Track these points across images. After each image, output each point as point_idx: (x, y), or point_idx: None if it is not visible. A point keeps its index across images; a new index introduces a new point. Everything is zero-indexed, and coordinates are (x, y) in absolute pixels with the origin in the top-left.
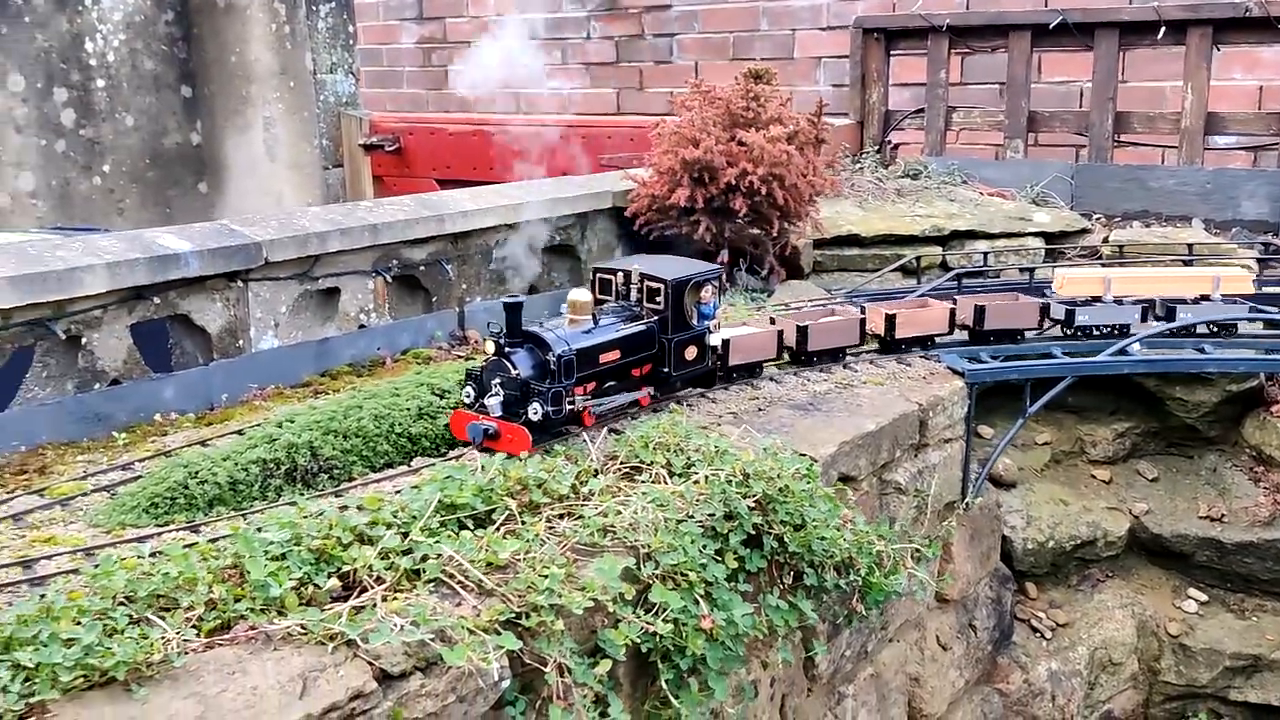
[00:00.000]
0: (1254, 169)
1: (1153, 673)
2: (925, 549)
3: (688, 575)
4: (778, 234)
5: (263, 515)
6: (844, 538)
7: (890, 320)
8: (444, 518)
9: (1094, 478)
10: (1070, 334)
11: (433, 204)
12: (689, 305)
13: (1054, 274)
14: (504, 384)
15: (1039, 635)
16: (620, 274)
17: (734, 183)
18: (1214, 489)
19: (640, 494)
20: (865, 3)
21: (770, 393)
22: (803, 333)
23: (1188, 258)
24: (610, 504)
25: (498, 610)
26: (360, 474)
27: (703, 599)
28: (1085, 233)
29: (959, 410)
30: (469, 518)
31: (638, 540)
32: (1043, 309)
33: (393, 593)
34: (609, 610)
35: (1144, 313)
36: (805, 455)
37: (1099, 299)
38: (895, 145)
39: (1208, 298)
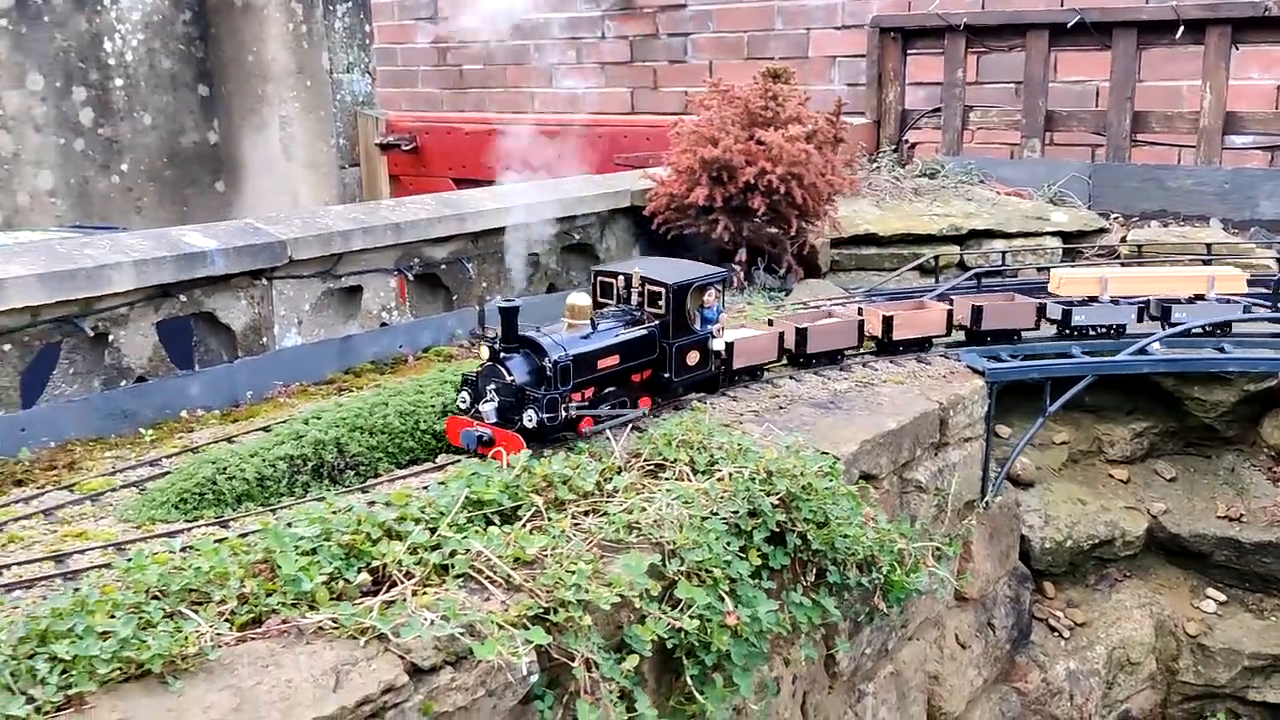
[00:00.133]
0: (1272, 168)
1: (1171, 672)
2: (946, 547)
3: (712, 572)
4: (796, 233)
5: (291, 511)
6: (866, 536)
7: (887, 322)
8: (471, 514)
9: (1112, 477)
10: (1066, 334)
11: (453, 203)
12: (691, 309)
13: (1050, 274)
14: (499, 390)
15: (1057, 634)
16: (621, 277)
17: (752, 182)
18: (1232, 489)
19: (665, 491)
20: (881, 2)
21: (791, 391)
22: (802, 335)
23: (1206, 257)
24: (635, 501)
25: (526, 605)
26: (386, 470)
27: (727, 595)
28: (1103, 232)
29: (979, 409)
30: (495, 514)
31: (663, 537)
32: (1039, 309)
33: (422, 587)
34: (635, 606)
35: (1140, 313)
36: (827, 453)
37: (1096, 299)
38: (912, 145)
39: (1202, 297)
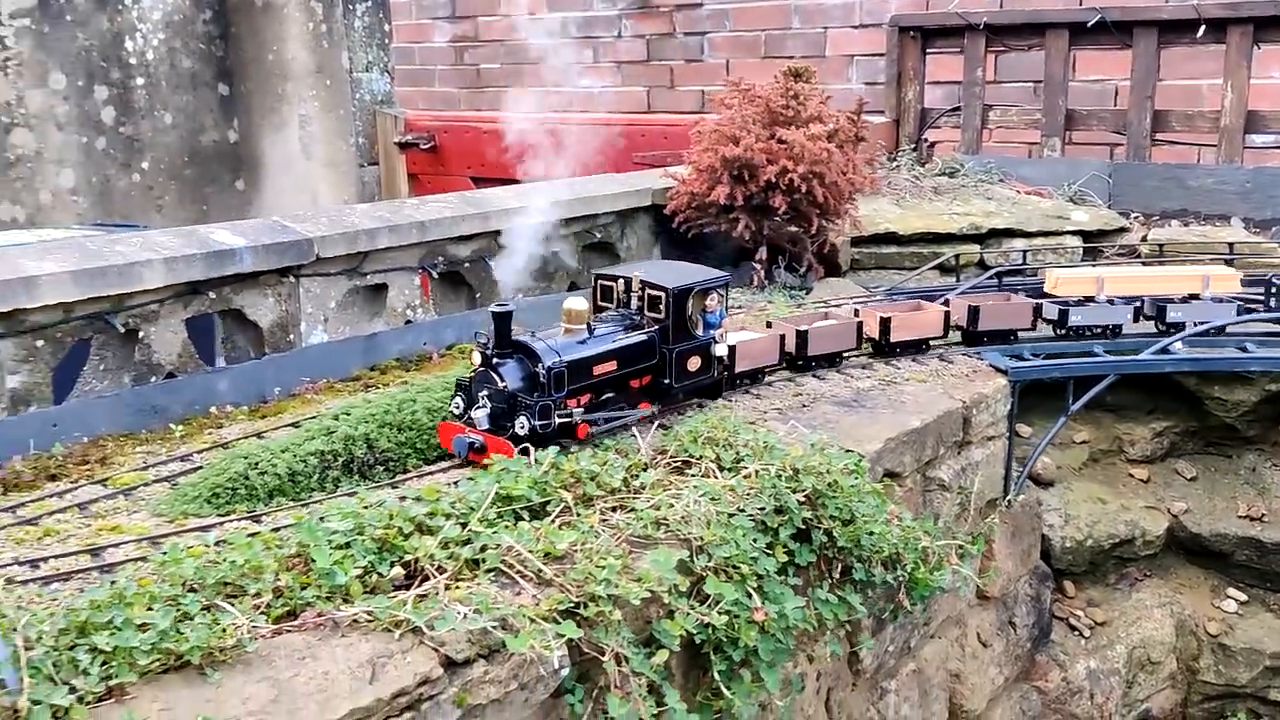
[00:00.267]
0: None
1: (1191, 672)
2: (969, 545)
3: (740, 568)
4: (816, 232)
5: (323, 505)
6: (891, 533)
7: (885, 324)
8: (500, 509)
9: (1132, 476)
10: (1063, 334)
11: (477, 201)
12: (693, 314)
13: (1047, 274)
14: (491, 396)
15: (1077, 633)
16: (621, 281)
17: (774, 180)
18: (1253, 488)
19: (692, 488)
20: (899, 1)
21: (813, 389)
22: (802, 337)
23: (1229, 256)
24: (663, 497)
25: (557, 600)
26: (415, 466)
27: (755, 592)
28: (1123, 231)
29: (1001, 408)
30: (524, 509)
31: (690, 533)
32: (1036, 309)
33: (454, 581)
34: (664, 601)
35: (1135, 313)
36: (852, 451)
37: (1092, 299)
38: (931, 143)
39: (1197, 297)
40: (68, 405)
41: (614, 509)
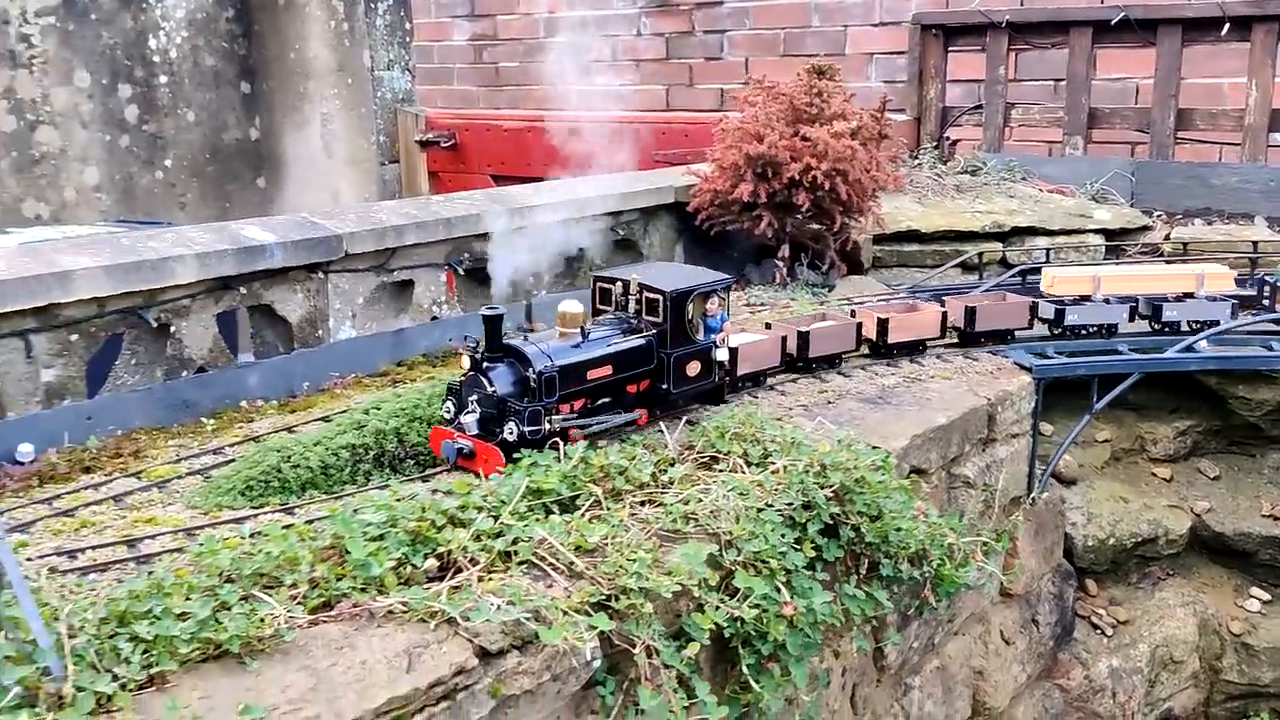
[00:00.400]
0: None
1: (1214, 671)
2: (994, 542)
3: (769, 563)
4: (839, 229)
5: (356, 498)
6: (918, 529)
7: (882, 325)
8: (531, 502)
9: (1154, 475)
10: (1059, 333)
11: (501, 198)
12: (694, 317)
13: (1043, 273)
14: (480, 401)
15: (1099, 632)
16: (619, 283)
17: (797, 177)
18: (1277, 488)
19: (720, 482)
20: None
21: (839, 385)
22: (804, 338)
23: (1253, 255)
24: (691, 492)
25: (588, 592)
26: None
27: (783, 586)
28: (1146, 230)
29: (1026, 405)
30: (554, 503)
31: (719, 527)
32: (1032, 308)
33: (487, 573)
34: (694, 595)
35: (1131, 312)
36: (878, 448)
37: (1088, 298)
38: (953, 142)
39: (1192, 296)
40: (100, 399)
41: (643, 503)
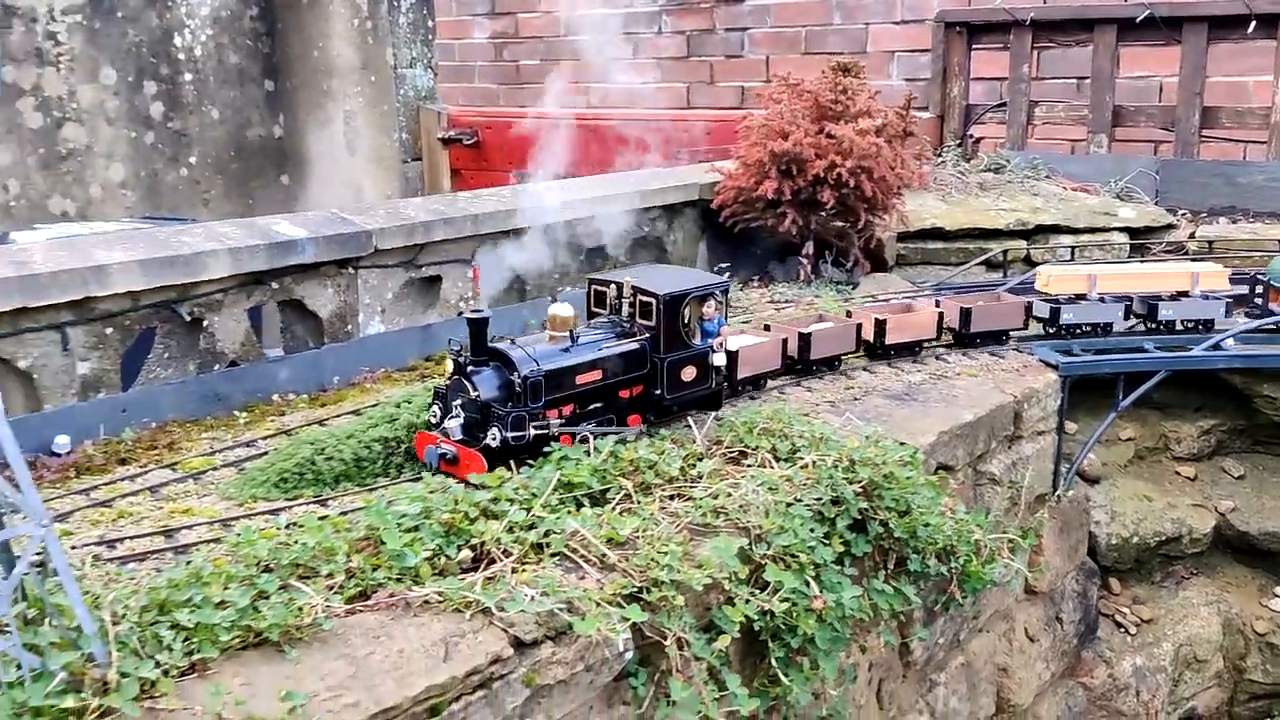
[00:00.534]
0: None
1: (1238, 671)
2: (1021, 539)
3: (798, 557)
4: (863, 226)
5: (389, 490)
6: (946, 525)
7: (880, 326)
8: (562, 495)
9: (1178, 474)
10: (1052, 333)
11: (528, 196)
12: (689, 321)
13: (1038, 272)
14: (464, 405)
15: (1123, 631)
16: (613, 286)
17: (822, 175)
18: None
19: (749, 477)
20: None
21: (865, 382)
22: (805, 340)
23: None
24: (721, 486)
25: (620, 584)
26: None
27: (813, 580)
28: (1171, 228)
29: (1052, 403)
30: (585, 496)
31: (749, 522)
32: (1027, 308)
33: (520, 564)
34: (724, 588)
35: (1126, 310)
36: (905, 444)
37: (1084, 296)
38: (976, 139)
39: (1186, 294)
40: (134, 391)
41: (672, 497)
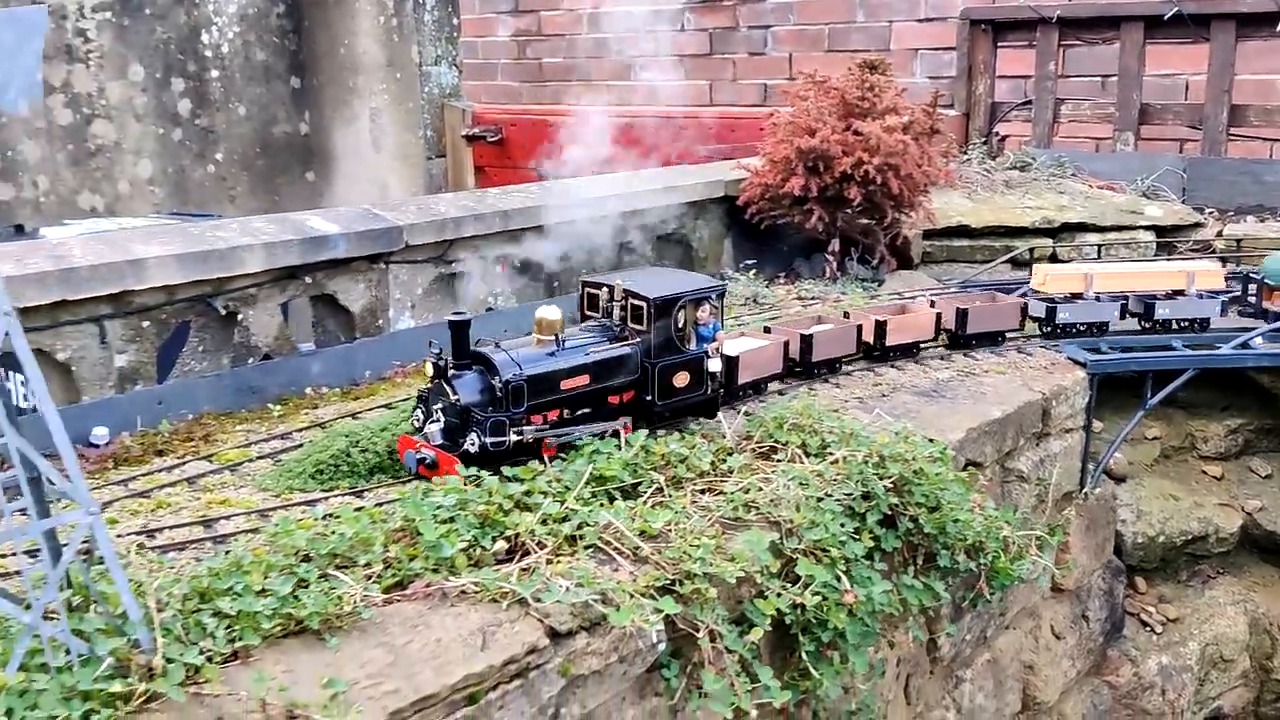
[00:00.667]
0: None
1: (1265, 670)
2: (1049, 536)
3: (829, 551)
4: (889, 224)
5: (423, 482)
6: (975, 521)
7: (880, 327)
8: (594, 488)
9: (1205, 473)
10: (1050, 332)
11: (556, 191)
12: (683, 326)
13: (1034, 271)
14: (445, 410)
15: (1149, 629)
16: (605, 289)
17: (849, 172)
18: None
19: (780, 472)
20: None
21: (893, 379)
22: (807, 342)
23: None
24: (752, 480)
25: (653, 577)
26: None
27: (843, 575)
28: (1198, 227)
29: (1080, 400)
30: (617, 489)
31: (780, 516)
32: (1023, 309)
33: (554, 556)
34: (756, 581)
35: (1122, 309)
36: (935, 440)
37: (1080, 296)
38: (1002, 137)
39: (1182, 293)
40: (171, 384)
41: (703, 491)
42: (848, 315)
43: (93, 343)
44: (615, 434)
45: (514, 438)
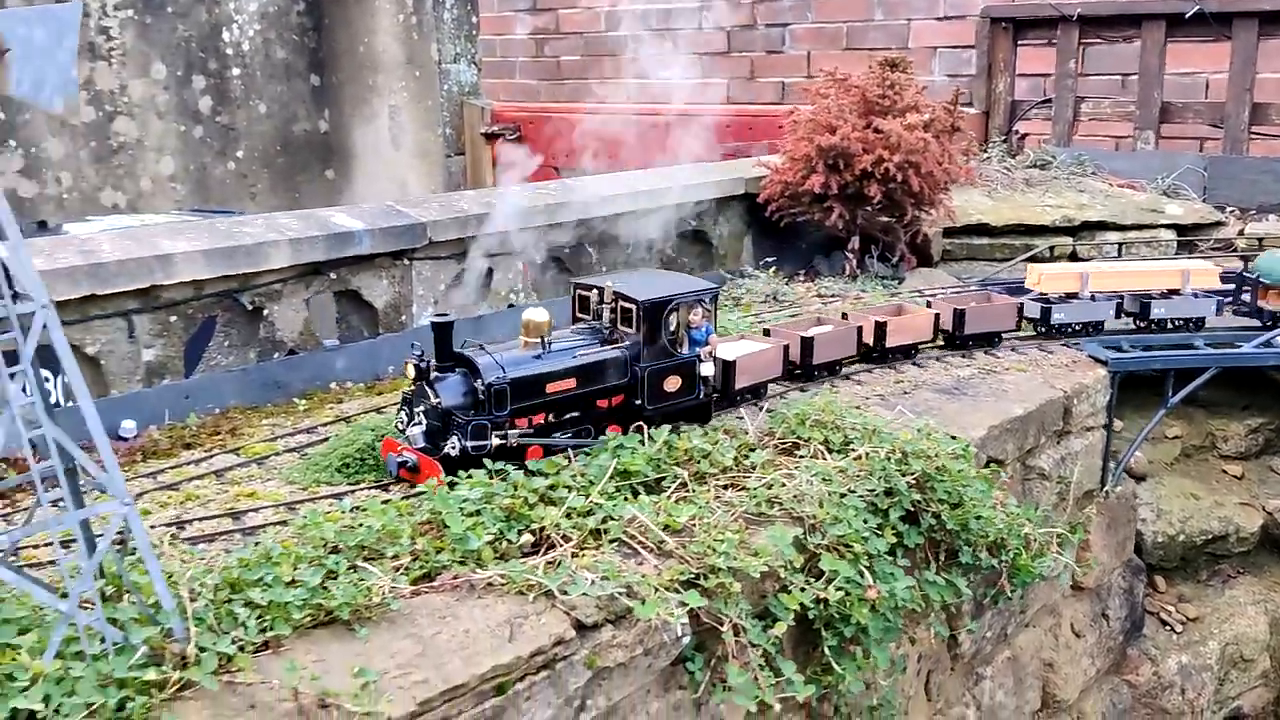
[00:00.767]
0: None
1: None
2: (1070, 534)
3: (852, 547)
4: (910, 221)
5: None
6: (997, 518)
7: (880, 329)
8: (618, 483)
9: (1225, 473)
10: (1044, 333)
11: (578, 189)
12: (675, 329)
13: (1028, 270)
14: (426, 412)
15: (1169, 629)
16: (596, 290)
17: (869, 169)
18: None
19: (803, 467)
20: None
21: (914, 376)
22: (807, 345)
23: None
24: (775, 476)
25: (678, 571)
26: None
27: (866, 570)
28: (1219, 225)
29: (1101, 398)
30: (640, 484)
31: (804, 511)
32: (1019, 309)
33: (579, 549)
34: (779, 576)
35: (1117, 309)
36: (957, 437)
37: (1075, 295)
38: (1022, 135)
39: (1178, 292)
40: (197, 378)
41: (726, 486)
42: (845, 316)
43: (121, 337)
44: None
45: (496, 441)
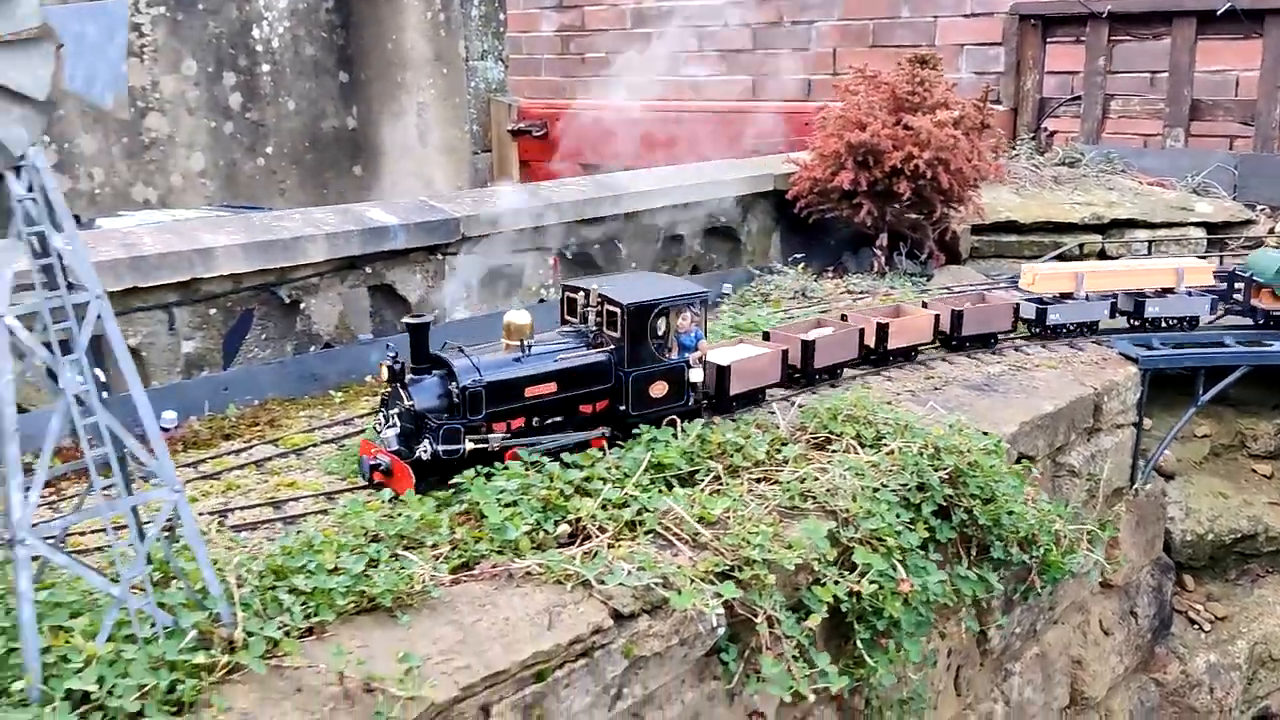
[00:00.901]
0: None
1: None
2: (1100, 531)
3: (885, 541)
4: (938, 218)
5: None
6: (1029, 514)
7: (882, 331)
8: (653, 476)
9: (1255, 472)
10: (1040, 333)
11: (609, 185)
12: (662, 334)
13: (1023, 270)
14: (400, 415)
15: (1197, 627)
16: (582, 293)
17: (899, 166)
18: None
19: (836, 462)
20: None
21: (944, 372)
22: (808, 348)
23: None
24: (809, 470)
25: (713, 562)
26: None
27: (899, 564)
28: (1249, 224)
29: (1131, 396)
30: (674, 477)
31: (836, 505)
32: (1016, 310)
33: (615, 540)
34: (813, 569)
35: (1112, 308)
36: (988, 433)
37: (1070, 295)
38: (1050, 133)
39: (1172, 291)
40: (235, 370)
41: (759, 480)
42: (845, 318)
43: (161, 329)
44: (610, 439)
45: (470, 446)
